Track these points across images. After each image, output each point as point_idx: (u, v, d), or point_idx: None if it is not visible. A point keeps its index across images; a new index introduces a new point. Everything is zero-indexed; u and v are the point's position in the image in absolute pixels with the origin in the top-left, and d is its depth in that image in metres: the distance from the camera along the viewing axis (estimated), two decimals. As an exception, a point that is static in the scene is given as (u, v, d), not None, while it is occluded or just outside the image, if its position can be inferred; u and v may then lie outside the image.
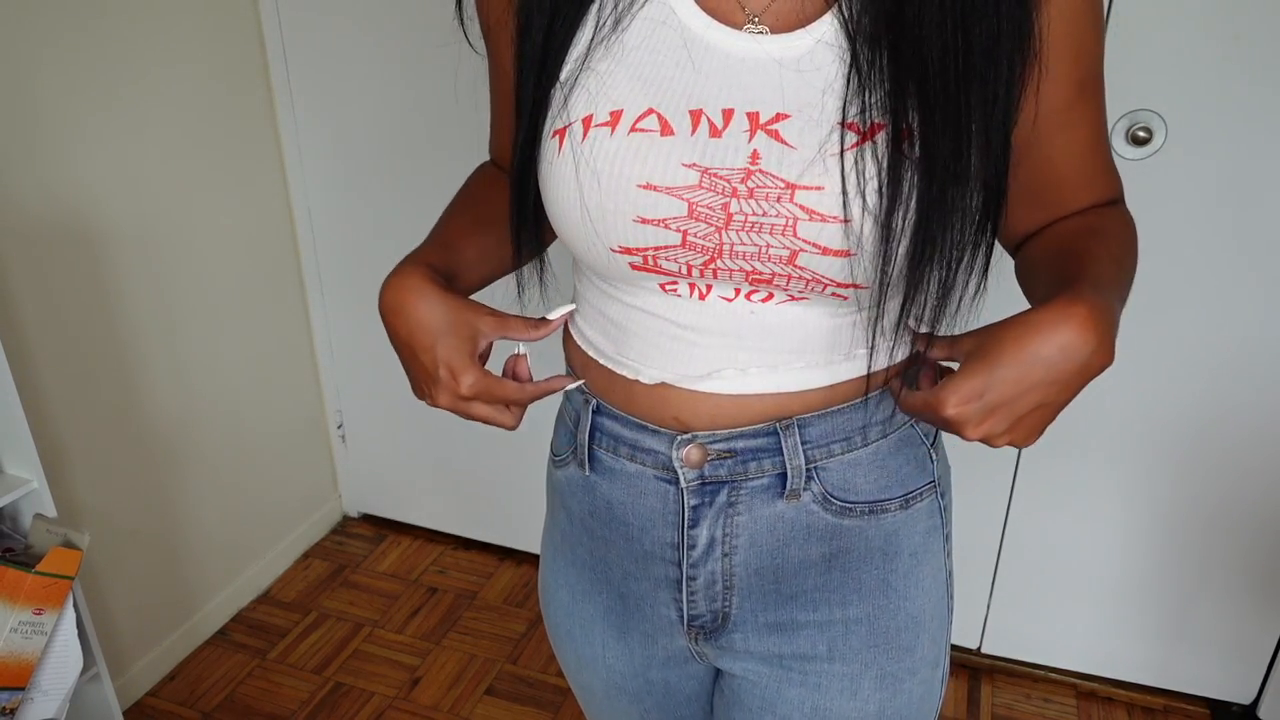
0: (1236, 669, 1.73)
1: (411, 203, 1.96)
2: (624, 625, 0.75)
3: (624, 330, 0.64)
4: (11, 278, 1.48)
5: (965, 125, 0.54)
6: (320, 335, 2.17)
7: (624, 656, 0.77)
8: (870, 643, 0.69)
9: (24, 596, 1.19)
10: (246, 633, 2.00)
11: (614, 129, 0.57)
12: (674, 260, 0.58)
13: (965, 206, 0.56)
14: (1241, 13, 1.30)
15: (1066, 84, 0.60)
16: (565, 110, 0.59)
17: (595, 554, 0.74)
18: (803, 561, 0.67)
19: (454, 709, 1.81)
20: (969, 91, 0.54)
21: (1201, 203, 1.43)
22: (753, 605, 0.69)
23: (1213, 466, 1.60)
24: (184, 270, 1.79)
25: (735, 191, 0.55)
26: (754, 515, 0.66)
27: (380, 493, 2.33)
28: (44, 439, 1.55)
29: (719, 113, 0.56)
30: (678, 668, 0.77)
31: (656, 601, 0.72)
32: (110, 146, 1.61)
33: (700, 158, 0.56)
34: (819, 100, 0.55)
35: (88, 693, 1.41)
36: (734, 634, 0.71)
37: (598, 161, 0.57)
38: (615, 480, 0.68)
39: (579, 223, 0.59)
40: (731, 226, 0.56)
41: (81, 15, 1.52)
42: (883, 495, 0.67)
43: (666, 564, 0.69)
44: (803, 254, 0.56)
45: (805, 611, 0.69)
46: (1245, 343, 1.49)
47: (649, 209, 0.57)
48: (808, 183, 0.54)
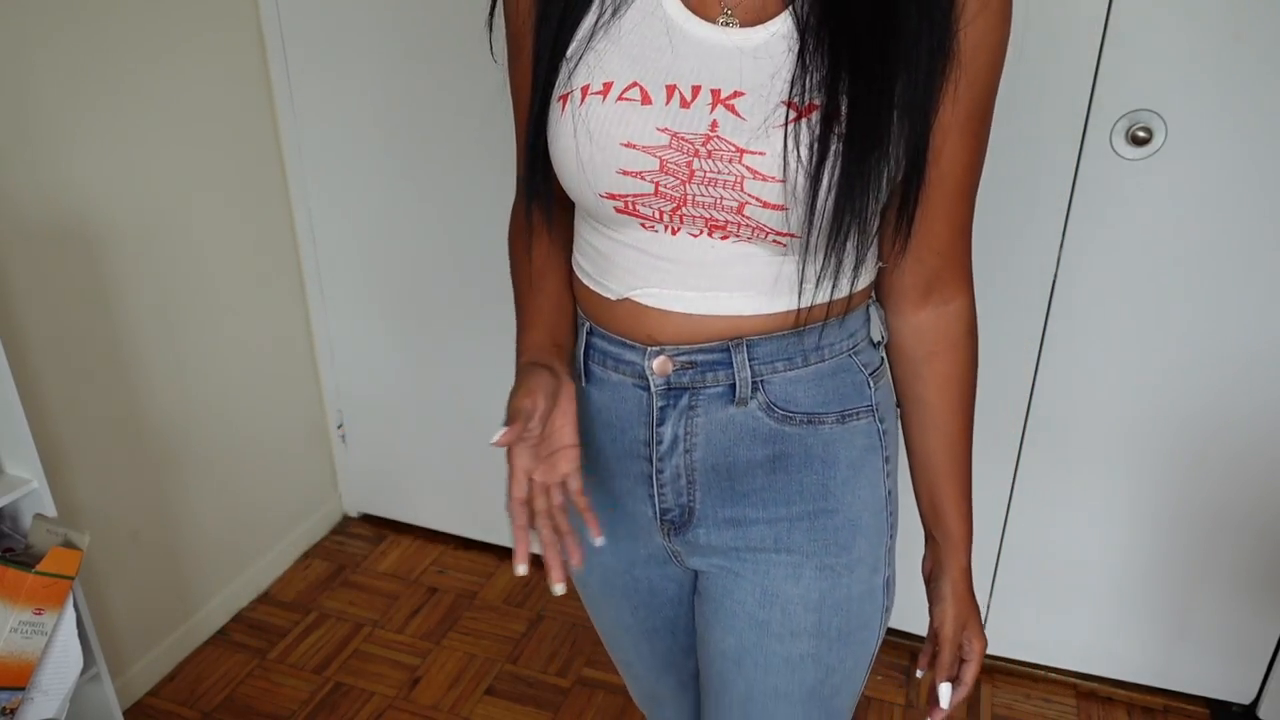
0: (1236, 669, 1.73)
1: (411, 202, 1.96)
2: (613, 524, 0.87)
3: (609, 260, 0.78)
4: (11, 278, 1.48)
5: (886, 108, 0.66)
6: (320, 335, 2.17)
7: (613, 553, 0.90)
8: (810, 537, 0.81)
9: (24, 596, 1.19)
10: (246, 632, 2.00)
11: (605, 97, 0.70)
12: (649, 206, 0.72)
13: (879, 177, 0.67)
14: (1242, 12, 1.30)
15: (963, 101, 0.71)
16: (569, 80, 0.72)
17: (589, 458, 0.85)
18: (750, 461, 0.79)
19: (454, 709, 1.81)
20: (891, 80, 0.66)
21: (1202, 203, 1.43)
22: (712, 501, 0.81)
23: (1212, 466, 1.60)
24: (184, 270, 1.79)
25: (697, 152, 0.68)
26: (710, 417, 0.78)
27: (380, 493, 2.33)
28: (44, 439, 1.55)
29: (689, 88, 0.69)
30: (658, 568, 0.90)
31: (635, 498, 0.84)
32: (110, 146, 1.61)
33: (671, 123, 0.69)
34: (769, 82, 0.68)
35: (88, 693, 1.41)
36: (698, 529, 0.83)
37: (591, 122, 0.70)
38: (604, 389, 0.82)
39: (575, 172, 0.72)
40: (694, 180, 0.69)
41: (81, 15, 1.52)
42: (819, 409, 0.79)
43: (641, 460, 0.82)
44: (748, 206, 0.69)
45: (755, 509, 0.81)
46: (1245, 343, 1.49)
47: (629, 163, 0.70)
48: (754, 148, 0.67)
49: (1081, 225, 1.50)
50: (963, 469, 0.85)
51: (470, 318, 2.01)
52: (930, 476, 0.85)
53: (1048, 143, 1.46)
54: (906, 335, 0.82)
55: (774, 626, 0.83)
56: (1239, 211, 1.42)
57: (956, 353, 0.81)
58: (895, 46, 0.66)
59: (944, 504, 0.85)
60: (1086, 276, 1.53)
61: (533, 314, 0.83)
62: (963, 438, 0.84)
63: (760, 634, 0.83)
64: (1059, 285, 1.55)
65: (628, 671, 1.05)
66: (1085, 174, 1.46)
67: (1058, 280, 1.55)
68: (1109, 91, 1.41)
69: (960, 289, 0.80)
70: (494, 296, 1.97)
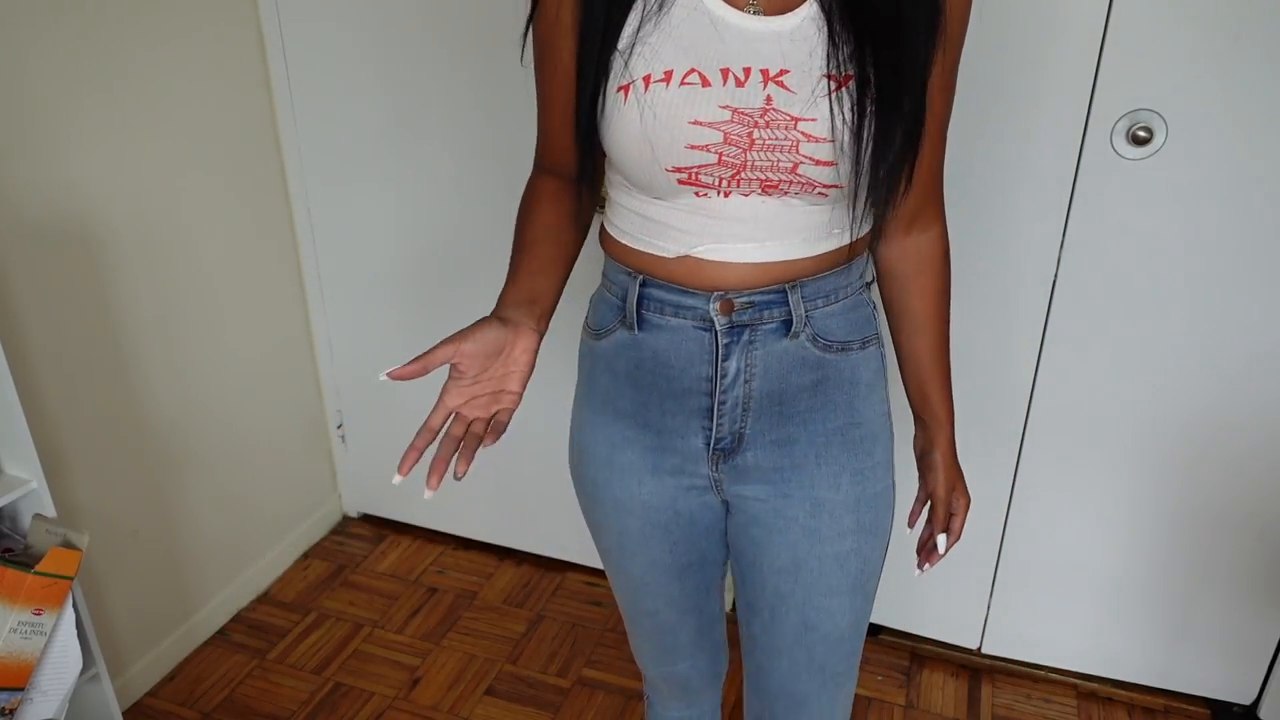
0: (1237, 669, 1.73)
1: (411, 202, 1.95)
2: (658, 462, 0.97)
3: (663, 224, 0.88)
4: (11, 278, 1.48)
5: (903, 72, 0.80)
6: (320, 335, 2.17)
7: (657, 491, 0.99)
8: (844, 449, 0.95)
9: (23, 597, 1.19)
10: (246, 633, 2.00)
11: (668, 83, 0.80)
12: (710, 175, 0.83)
13: (905, 128, 0.82)
14: (1242, 12, 1.30)
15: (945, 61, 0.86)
16: (627, 71, 0.82)
17: (637, 401, 0.96)
18: (799, 386, 0.92)
19: (454, 709, 1.81)
20: (902, 50, 0.80)
21: (1202, 202, 1.43)
22: (762, 426, 0.93)
23: (1213, 466, 1.60)
24: (183, 270, 1.79)
25: (756, 123, 0.80)
26: (767, 350, 0.90)
27: (380, 493, 2.33)
28: (43, 439, 1.55)
29: (741, 70, 0.80)
30: (698, 498, 1.00)
31: (688, 432, 0.95)
32: (110, 146, 1.61)
33: (731, 101, 0.80)
34: (808, 60, 0.81)
35: (87, 693, 1.41)
36: (747, 453, 0.94)
37: (657, 106, 0.80)
38: (660, 334, 0.92)
39: (642, 151, 0.82)
40: (754, 148, 0.81)
41: (81, 15, 1.52)
42: (849, 338, 0.93)
43: (700, 395, 0.92)
44: (802, 165, 0.81)
45: (800, 428, 0.94)
46: (1246, 343, 1.49)
47: (696, 138, 0.81)
48: (807, 115, 0.80)
49: (1082, 225, 1.49)
50: (944, 363, 1.01)
51: (470, 318, 2.01)
52: (919, 372, 1.01)
53: (1048, 142, 1.46)
54: (895, 258, 0.97)
55: (824, 531, 0.96)
56: (1240, 211, 1.42)
57: (936, 269, 0.98)
58: (902, 21, 0.80)
59: (931, 393, 1.01)
60: (1087, 276, 1.53)
61: (518, 271, 0.92)
62: (943, 338, 1.00)
63: (813, 540, 0.96)
64: (1059, 285, 1.55)
65: (652, 623, 1.11)
66: (1085, 174, 1.46)
67: (1058, 280, 1.55)
68: (1109, 91, 1.40)
69: (937, 217, 0.97)
70: (494, 296, 1.97)
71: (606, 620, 2.04)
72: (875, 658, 1.93)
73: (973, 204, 1.53)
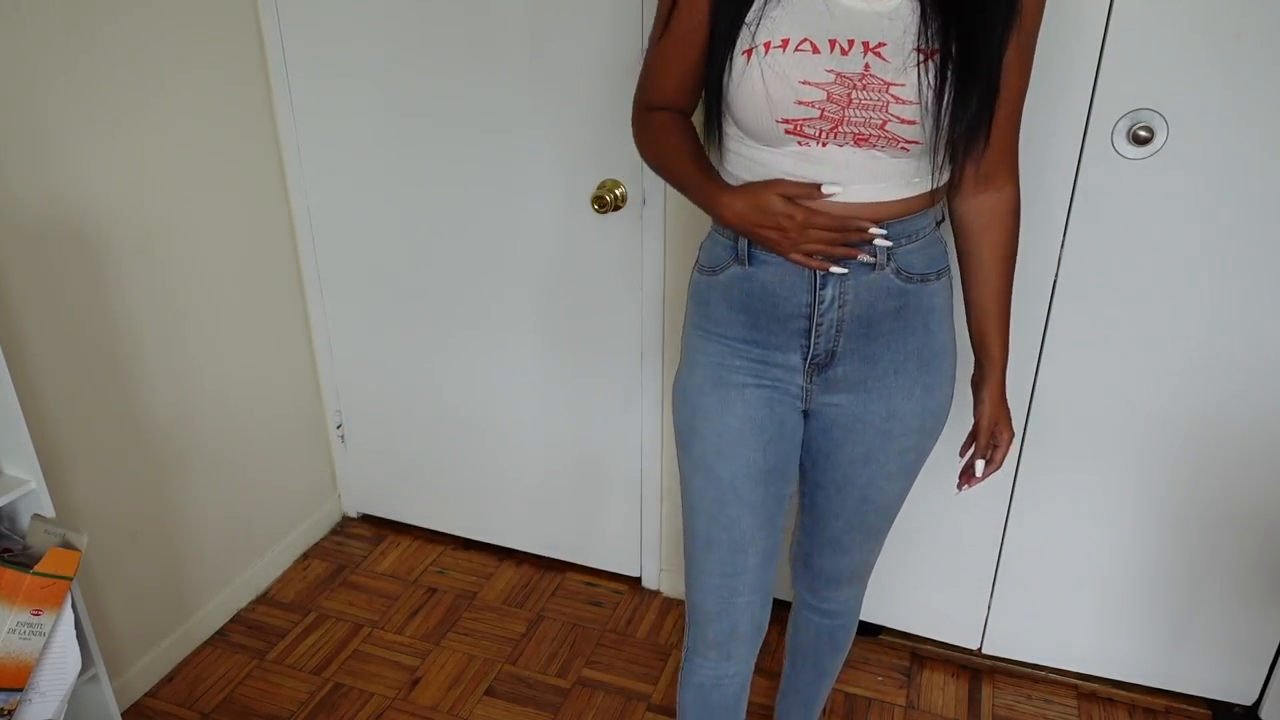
0: (1238, 670, 1.73)
1: (411, 202, 1.95)
2: (762, 372, 1.15)
3: (770, 168, 1.05)
4: (11, 278, 1.47)
5: (981, 49, 0.97)
6: (320, 335, 2.17)
7: (759, 396, 1.15)
8: (919, 365, 1.14)
9: (22, 597, 1.19)
10: (245, 633, 2.00)
11: (785, 49, 0.98)
12: (813, 126, 1.00)
13: (980, 96, 0.98)
14: (1243, 11, 1.30)
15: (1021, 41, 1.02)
16: (752, 39, 0.99)
17: (748, 324, 1.13)
18: (884, 311, 1.10)
19: (453, 709, 1.81)
20: (981, 29, 0.97)
21: (1203, 202, 1.42)
22: (852, 344, 1.11)
23: (1214, 466, 1.59)
24: (183, 270, 1.79)
25: (855, 85, 0.97)
26: (858, 281, 1.07)
27: (380, 493, 2.33)
28: (42, 439, 1.54)
29: (845, 41, 0.97)
30: (791, 403, 1.17)
31: (789, 349, 1.13)
32: (110, 146, 1.61)
33: (836, 65, 0.97)
34: (902, 36, 0.97)
35: (86, 694, 1.41)
36: (837, 367, 1.13)
37: (775, 67, 0.98)
38: (768, 268, 1.10)
39: (761, 104, 0.99)
40: (852, 106, 0.98)
41: (81, 16, 1.52)
42: (926, 270, 1.10)
43: (800, 319, 1.10)
44: (890, 123, 0.98)
45: (882, 348, 1.12)
46: (1247, 343, 1.49)
47: (804, 94, 0.98)
48: (897, 80, 0.96)
49: (1082, 225, 1.49)
50: (1005, 310, 1.17)
51: (470, 318, 2.01)
52: (981, 317, 1.18)
53: (1048, 142, 1.46)
54: (969, 213, 1.13)
55: (895, 433, 1.17)
56: (1241, 211, 1.41)
57: (1006, 225, 1.13)
58: (985, 6, 0.96)
59: (991, 336, 1.18)
60: (1087, 276, 1.52)
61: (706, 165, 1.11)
62: (1006, 288, 1.16)
63: (885, 439, 1.17)
64: (1060, 285, 1.55)
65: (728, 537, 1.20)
66: (1086, 173, 1.46)
67: (1058, 280, 1.54)
68: (1110, 90, 1.40)
69: (1010, 179, 1.12)
70: (494, 296, 1.97)
71: (606, 620, 2.04)
72: (875, 658, 1.93)
73: (973, 204, 1.53)
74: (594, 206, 1.71)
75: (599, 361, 1.94)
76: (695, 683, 1.29)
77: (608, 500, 2.08)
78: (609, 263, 1.83)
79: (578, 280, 1.88)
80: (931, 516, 1.80)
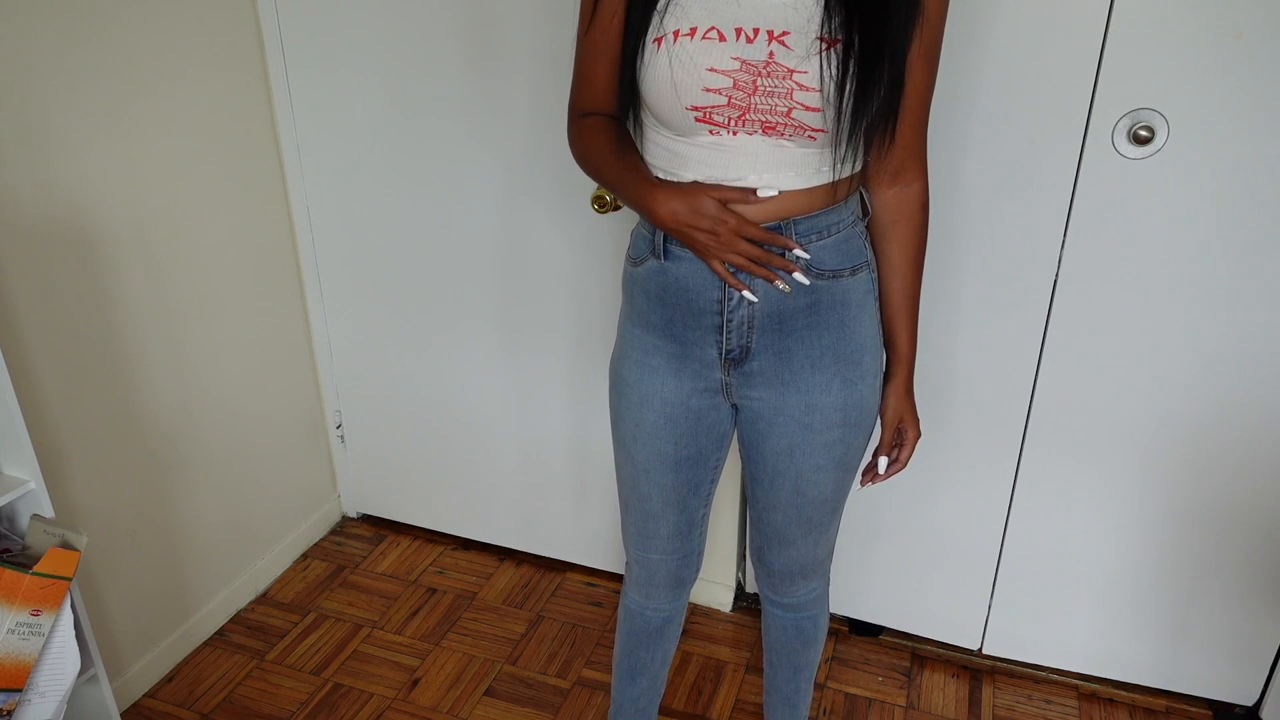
0: (1239, 670, 1.73)
1: (411, 203, 1.95)
2: (680, 366, 1.18)
3: (683, 157, 1.07)
4: (10, 277, 1.47)
5: (883, 42, 0.99)
6: (319, 335, 2.17)
7: (677, 389, 1.19)
8: (835, 360, 1.14)
9: (21, 597, 1.18)
10: (245, 634, 2.00)
11: (693, 37, 1.00)
12: (721, 114, 1.02)
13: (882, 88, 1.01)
14: (1244, 11, 1.30)
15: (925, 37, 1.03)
16: (661, 27, 1.02)
17: (665, 317, 1.16)
18: (795, 308, 1.11)
19: (453, 710, 1.80)
20: (884, 23, 0.99)
21: (1204, 202, 1.42)
22: (766, 340, 1.13)
23: (1215, 466, 1.59)
24: (183, 270, 1.79)
25: (760, 72, 0.99)
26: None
27: (379, 493, 2.33)
28: (42, 439, 1.54)
29: (751, 29, 1.00)
30: (709, 399, 1.20)
31: (704, 344, 1.15)
32: (109, 146, 1.60)
33: (741, 54, 0.99)
34: (806, 25, 0.99)
35: (85, 694, 1.41)
36: (753, 362, 1.15)
37: (683, 54, 1.00)
38: (681, 263, 1.11)
39: (669, 92, 1.02)
40: (756, 94, 1.00)
41: (80, 16, 1.51)
42: (840, 267, 1.11)
43: (712, 314, 1.12)
44: (795, 110, 1.00)
45: (796, 343, 1.13)
46: (1248, 343, 1.49)
47: (710, 82, 1.00)
48: (800, 68, 0.99)
49: (1083, 225, 1.49)
50: (913, 306, 1.18)
51: (469, 318, 2.01)
52: (890, 312, 1.18)
53: (1049, 142, 1.45)
54: (878, 208, 1.14)
55: (816, 426, 1.18)
56: (1242, 211, 1.41)
57: (914, 221, 1.14)
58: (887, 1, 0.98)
59: (898, 330, 1.19)
60: (1088, 276, 1.52)
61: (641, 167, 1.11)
62: (915, 283, 1.17)
63: (806, 432, 1.18)
64: (1060, 285, 1.55)
65: (641, 509, 1.30)
66: (1087, 173, 1.46)
67: (1059, 280, 1.54)
68: (1110, 90, 1.40)
69: (919, 174, 1.13)
70: (494, 296, 1.97)
71: (606, 621, 2.04)
72: (876, 658, 1.93)
73: (974, 204, 1.53)
74: (594, 206, 1.71)
75: (599, 362, 1.94)
76: (625, 605, 1.43)
77: (608, 500, 2.08)
78: (610, 263, 1.83)
79: (578, 280, 1.88)
80: (932, 517, 1.80)
